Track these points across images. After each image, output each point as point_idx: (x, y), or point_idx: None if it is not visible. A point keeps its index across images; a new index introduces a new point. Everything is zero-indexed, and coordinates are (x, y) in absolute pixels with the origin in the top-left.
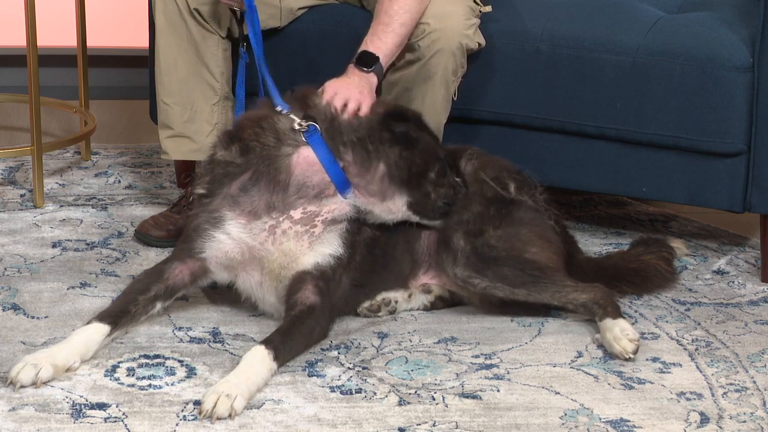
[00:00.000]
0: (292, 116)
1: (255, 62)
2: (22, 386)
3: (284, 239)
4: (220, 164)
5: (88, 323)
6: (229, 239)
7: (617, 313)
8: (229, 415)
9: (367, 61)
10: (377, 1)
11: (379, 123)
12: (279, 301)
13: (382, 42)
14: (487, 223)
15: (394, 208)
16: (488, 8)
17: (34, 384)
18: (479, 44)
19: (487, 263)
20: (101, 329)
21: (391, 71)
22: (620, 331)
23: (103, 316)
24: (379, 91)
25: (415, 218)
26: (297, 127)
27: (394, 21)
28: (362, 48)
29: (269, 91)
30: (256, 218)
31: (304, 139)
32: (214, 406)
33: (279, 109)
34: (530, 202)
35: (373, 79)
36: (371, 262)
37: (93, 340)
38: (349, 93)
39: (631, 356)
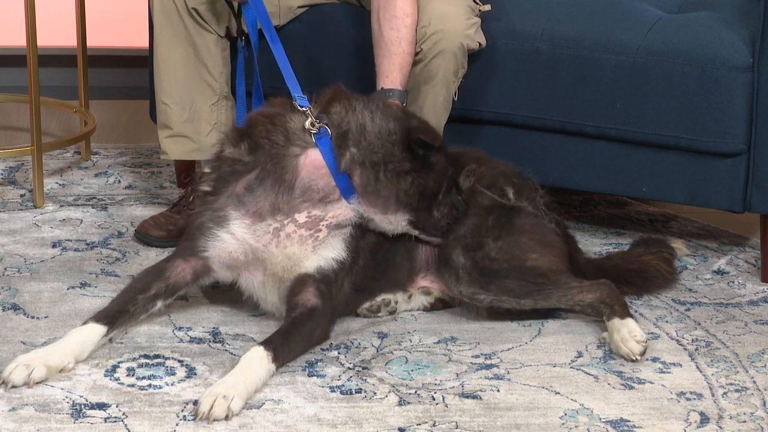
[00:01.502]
0: (308, 113)
1: (258, 56)
2: (14, 386)
3: (288, 243)
4: (227, 161)
5: (84, 323)
6: (233, 239)
7: (625, 313)
8: (226, 417)
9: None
10: (376, 29)
11: (400, 152)
12: (281, 302)
13: (403, 77)
14: (486, 235)
15: (395, 221)
16: (487, 7)
17: (27, 384)
18: (480, 44)
19: (490, 277)
20: (97, 330)
21: None
22: (628, 332)
23: (100, 317)
24: None
25: (414, 233)
26: (308, 126)
27: (405, 54)
28: (391, 85)
29: (287, 81)
30: (261, 220)
31: (313, 140)
32: (211, 408)
33: (297, 103)
34: (530, 207)
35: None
36: (372, 267)
37: (88, 341)
38: None
39: (638, 358)
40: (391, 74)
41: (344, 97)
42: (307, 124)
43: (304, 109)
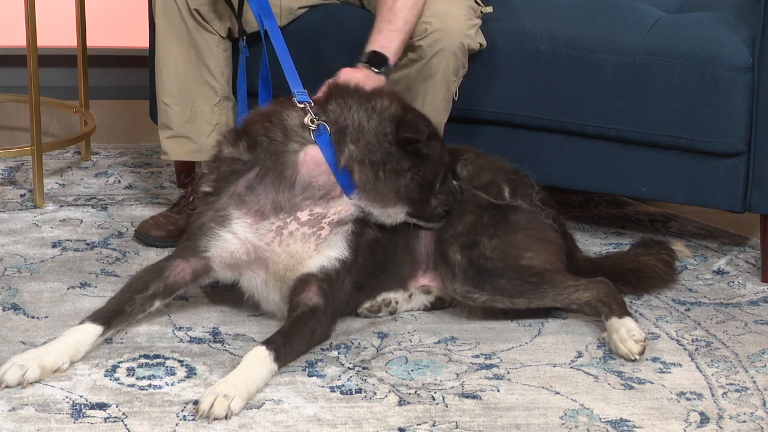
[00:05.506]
0: (308, 108)
1: (260, 52)
2: (7, 387)
3: (291, 241)
4: (226, 161)
5: (81, 323)
6: (235, 239)
7: (623, 311)
8: (226, 416)
9: (378, 62)
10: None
11: (398, 152)
12: (283, 301)
13: (389, 42)
14: (482, 233)
15: (393, 214)
16: (489, 9)
17: (20, 385)
18: (480, 45)
19: (484, 276)
20: (93, 330)
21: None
22: (626, 332)
23: (96, 317)
24: None
25: (413, 221)
26: (307, 122)
27: (398, 19)
28: (371, 47)
29: (287, 75)
30: (263, 218)
31: (312, 137)
32: (211, 407)
33: (297, 99)
34: (525, 205)
35: (382, 79)
36: (373, 264)
37: (84, 341)
38: (364, 80)
39: (637, 357)
40: (384, 39)
41: (339, 95)
42: (307, 120)
43: (303, 104)
